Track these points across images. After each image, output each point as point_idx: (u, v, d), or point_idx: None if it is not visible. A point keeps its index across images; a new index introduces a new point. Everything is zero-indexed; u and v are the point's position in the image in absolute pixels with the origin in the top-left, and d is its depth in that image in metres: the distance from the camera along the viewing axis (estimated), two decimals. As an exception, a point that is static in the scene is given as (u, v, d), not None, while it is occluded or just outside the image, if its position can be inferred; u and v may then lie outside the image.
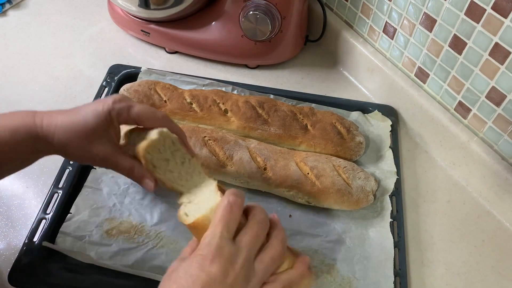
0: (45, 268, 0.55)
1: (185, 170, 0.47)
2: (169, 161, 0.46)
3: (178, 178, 0.46)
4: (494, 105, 0.62)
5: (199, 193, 0.45)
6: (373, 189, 0.62)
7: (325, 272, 0.57)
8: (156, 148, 0.45)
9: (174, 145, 0.46)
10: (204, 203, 0.42)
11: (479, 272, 0.61)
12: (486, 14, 0.57)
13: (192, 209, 0.42)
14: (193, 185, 0.46)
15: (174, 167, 0.46)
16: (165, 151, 0.46)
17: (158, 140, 0.45)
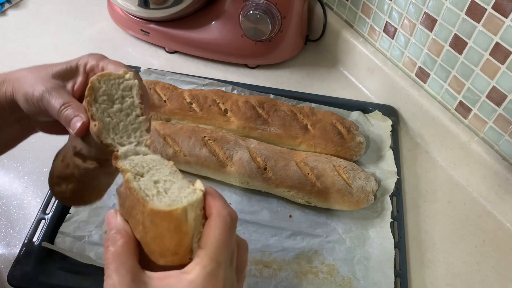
0: (45, 268, 0.55)
1: (126, 124, 0.40)
2: (114, 105, 0.40)
3: (114, 129, 0.39)
4: (494, 105, 0.62)
5: (151, 168, 0.37)
6: (373, 189, 0.62)
7: (325, 272, 0.57)
8: (110, 81, 0.40)
9: (130, 92, 0.41)
10: (173, 190, 0.35)
11: (479, 272, 0.60)
12: (486, 14, 0.57)
13: (151, 187, 0.35)
14: (133, 152, 0.39)
15: (116, 115, 0.40)
16: (116, 90, 0.40)
17: (119, 75, 0.40)
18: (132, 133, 0.40)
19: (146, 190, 0.33)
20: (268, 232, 0.61)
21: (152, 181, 0.35)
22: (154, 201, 0.33)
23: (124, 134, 0.39)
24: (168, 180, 0.36)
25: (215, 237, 0.33)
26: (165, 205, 0.32)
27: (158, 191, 0.34)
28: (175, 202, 0.33)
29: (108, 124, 0.39)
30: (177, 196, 0.34)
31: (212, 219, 0.34)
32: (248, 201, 0.64)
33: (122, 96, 0.40)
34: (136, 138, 0.40)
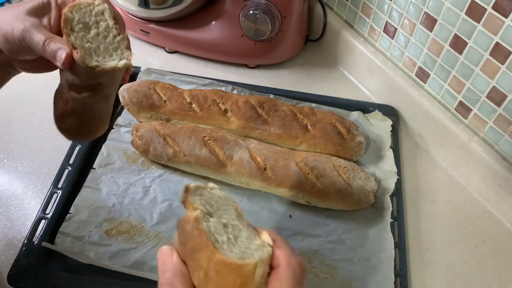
0: (45, 268, 0.55)
1: (106, 46, 0.43)
2: (91, 30, 0.42)
3: (95, 52, 0.41)
4: (494, 105, 0.62)
5: (219, 208, 0.35)
6: (373, 189, 0.62)
7: (325, 273, 0.57)
8: (82, 10, 0.41)
9: (103, 16, 0.43)
10: (242, 239, 0.33)
11: (479, 272, 0.60)
12: (486, 14, 0.57)
13: (221, 232, 0.32)
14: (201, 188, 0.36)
15: (95, 39, 0.42)
16: (89, 17, 0.42)
17: (88, 3, 0.42)
18: (113, 52, 0.43)
19: (216, 235, 0.32)
20: (268, 232, 0.61)
21: (221, 225, 0.33)
22: (225, 251, 0.31)
23: (106, 55, 0.42)
24: (236, 225, 0.34)
25: (281, 285, 0.31)
26: (237, 258, 0.31)
27: (229, 238, 0.32)
28: (245, 254, 0.31)
29: (89, 49, 0.41)
30: (246, 248, 0.32)
31: (281, 270, 0.31)
32: (248, 201, 0.64)
33: (96, 21, 0.42)
34: (118, 56, 0.43)
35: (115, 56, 0.43)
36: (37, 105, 0.76)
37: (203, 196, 0.35)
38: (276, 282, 0.31)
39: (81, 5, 0.41)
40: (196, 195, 0.34)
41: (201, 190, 0.36)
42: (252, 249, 0.32)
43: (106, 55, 0.42)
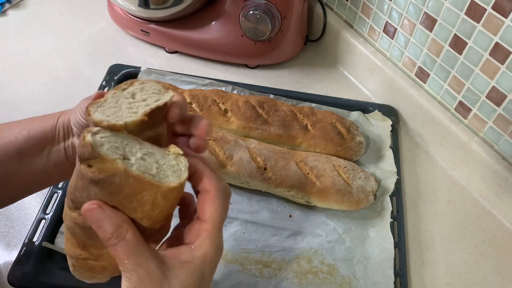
0: (45, 268, 0.55)
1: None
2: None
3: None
4: (494, 105, 0.62)
5: (126, 145, 0.34)
6: (373, 189, 0.62)
7: (325, 272, 0.57)
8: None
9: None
10: (161, 162, 0.34)
11: (479, 272, 0.60)
12: (486, 14, 0.57)
13: (147, 168, 0.33)
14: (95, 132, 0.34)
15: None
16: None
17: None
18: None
19: (149, 172, 0.33)
20: (268, 232, 0.61)
21: (141, 161, 0.34)
22: (166, 180, 0.33)
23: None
24: (148, 153, 0.35)
25: (217, 211, 0.35)
26: (176, 180, 0.33)
27: (157, 168, 0.34)
28: (176, 173, 0.34)
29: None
30: (172, 167, 0.34)
31: (213, 194, 0.36)
32: (248, 201, 0.64)
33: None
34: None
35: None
36: (37, 105, 0.76)
37: (108, 143, 0.33)
38: (210, 203, 0.36)
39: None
40: (100, 145, 0.33)
41: (101, 133, 0.34)
42: (175, 165, 0.35)
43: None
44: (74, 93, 0.78)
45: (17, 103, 0.76)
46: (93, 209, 0.32)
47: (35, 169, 0.43)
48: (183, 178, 0.34)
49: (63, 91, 0.78)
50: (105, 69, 0.78)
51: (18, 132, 0.43)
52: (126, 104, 0.36)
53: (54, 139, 0.43)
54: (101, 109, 0.35)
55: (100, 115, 0.34)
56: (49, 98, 0.77)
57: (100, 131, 0.33)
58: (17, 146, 0.42)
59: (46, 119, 0.44)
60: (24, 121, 0.44)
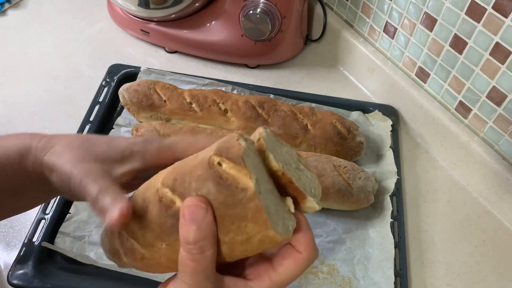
0: (45, 268, 0.55)
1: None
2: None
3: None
4: (494, 105, 0.62)
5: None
6: (373, 189, 0.62)
7: (325, 272, 0.57)
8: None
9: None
10: (277, 208, 0.31)
11: (479, 272, 0.60)
12: (486, 14, 0.57)
13: (270, 204, 0.30)
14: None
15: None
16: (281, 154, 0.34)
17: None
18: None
19: (268, 210, 0.29)
20: (268, 232, 0.61)
21: (266, 194, 0.30)
22: (277, 228, 0.29)
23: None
24: (271, 190, 0.31)
25: (291, 273, 0.31)
26: (284, 235, 0.30)
27: (277, 210, 0.30)
28: (284, 227, 0.30)
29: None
30: (283, 219, 0.31)
31: (302, 258, 0.31)
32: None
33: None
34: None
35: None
36: (37, 105, 0.76)
37: (251, 157, 0.31)
38: (291, 260, 0.31)
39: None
40: (247, 155, 0.30)
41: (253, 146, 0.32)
42: (286, 221, 0.31)
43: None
44: (74, 93, 0.78)
45: (17, 103, 0.76)
46: (199, 207, 0.29)
47: (8, 209, 0.39)
48: (289, 236, 0.30)
49: (62, 91, 0.78)
50: (105, 69, 0.78)
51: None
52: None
53: (25, 185, 0.37)
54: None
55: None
56: (48, 98, 0.77)
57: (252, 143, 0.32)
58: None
59: (4, 164, 0.36)
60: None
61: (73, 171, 0.34)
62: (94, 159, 0.35)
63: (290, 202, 0.32)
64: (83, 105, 0.73)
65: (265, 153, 0.32)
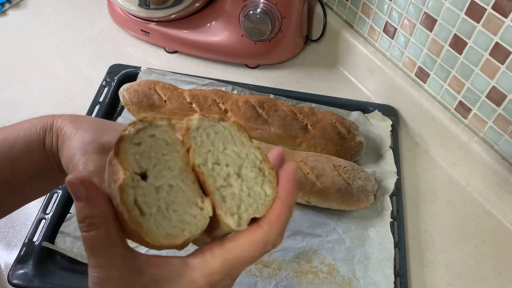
0: (45, 268, 0.55)
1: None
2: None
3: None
4: (494, 105, 0.62)
5: (159, 160, 0.29)
6: (373, 189, 0.62)
7: (325, 272, 0.57)
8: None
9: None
10: (178, 204, 0.29)
11: (479, 272, 0.60)
12: (486, 14, 0.57)
13: (150, 201, 0.28)
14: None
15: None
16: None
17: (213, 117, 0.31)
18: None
19: (144, 206, 0.28)
20: (268, 232, 0.61)
21: (154, 189, 0.28)
22: (150, 227, 0.27)
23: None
24: (176, 184, 0.29)
25: (240, 250, 0.29)
26: (162, 236, 0.28)
27: (159, 208, 0.28)
28: (175, 229, 0.28)
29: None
30: (179, 220, 0.28)
31: (260, 230, 0.29)
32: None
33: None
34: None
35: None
36: (38, 105, 0.76)
37: (143, 143, 0.29)
38: (244, 234, 0.29)
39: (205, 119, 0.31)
40: (134, 144, 0.28)
41: (142, 133, 0.29)
42: (185, 220, 0.28)
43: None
44: (74, 93, 0.78)
45: (17, 103, 0.76)
46: (77, 185, 0.28)
47: (27, 194, 0.39)
48: (171, 242, 0.28)
49: (62, 91, 0.78)
50: (105, 69, 0.78)
51: (0, 165, 0.37)
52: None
53: (45, 165, 0.38)
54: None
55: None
56: (49, 98, 0.77)
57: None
58: (1, 181, 0.37)
59: (30, 143, 0.37)
60: (2, 147, 0.37)
61: (77, 153, 0.35)
62: (98, 149, 0.36)
63: (207, 203, 0.29)
64: (83, 105, 0.73)
65: (187, 144, 0.30)
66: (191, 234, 0.29)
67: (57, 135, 0.37)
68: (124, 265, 0.29)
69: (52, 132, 0.37)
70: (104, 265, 0.29)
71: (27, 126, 0.38)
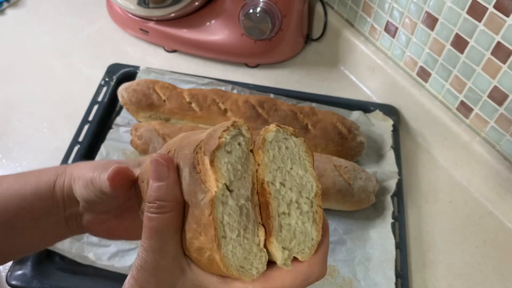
0: (43, 268, 0.55)
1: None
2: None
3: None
4: (496, 105, 0.61)
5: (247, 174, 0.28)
6: (374, 189, 0.62)
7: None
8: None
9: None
10: (247, 242, 0.27)
11: (480, 272, 0.60)
12: (488, 13, 0.57)
13: (233, 224, 0.26)
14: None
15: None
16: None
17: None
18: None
19: (227, 229, 0.25)
20: (268, 232, 0.60)
21: (238, 209, 0.26)
22: (227, 253, 0.25)
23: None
24: (248, 206, 0.27)
25: (281, 282, 0.28)
26: (234, 268, 0.26)
27: (238, 234, 0.26)
28: (243, 262, 0.26)
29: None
30: (245, 252, 0.26)
31: (301, 266, 0.29)
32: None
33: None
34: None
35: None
36: (36, 105, 0.75)
37: (233, 152, 0.26)
38: (288, 271, 0.29)
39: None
40: (226, 152, 0.26)
41: (234, 140, 0.27)
42: (251, 253, 0.26)
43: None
44: (73, 92, 0.78)
45: (16, 103, 0.75)
46: (160, 164, 0.28)
47: (28, 240, 0.38)
48: (242, 277, 0.26)
49: (61, 90, 0.78)
50: (104, 68, 0.78)
51: (7, 202, 0.36)
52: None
53: (52, 209, 0.37)
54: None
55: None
56: (47, 97, 0.77)
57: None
58: (6, 219, 0.36)
59: (40, 182, 0.37)
60: (13, 183, 0.37)
61: (94, 173, 0.36)
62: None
63: (262, 233, 0.27)
64: (82, 105, 0.73)
65: (260, 157, 0.27)
66: (258, 271, 0.26)
67: (70, 175, 0.38)
68: (175, 259, 0.29)
69: (65, 175, 0.38)
70: (157, 251, 0.28)
71: (41, 170, 0.39)
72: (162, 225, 0.28)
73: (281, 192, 0.27)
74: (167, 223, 0.28)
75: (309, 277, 0.29)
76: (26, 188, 0.37)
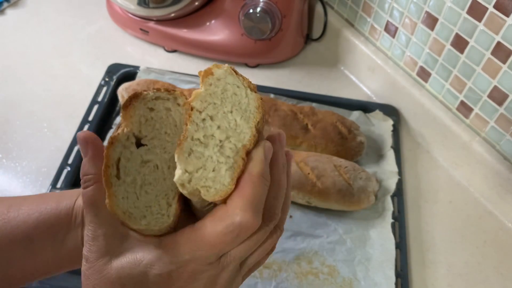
0: (43, 269, 0.54)
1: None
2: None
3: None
4: (496, 105, 0.61)
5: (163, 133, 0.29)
6: (374, 189, 0.62)
7: (325, 273, 0.57)
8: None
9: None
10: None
11: (481, 272, 0.60)
12: (488, 13, 0.57)
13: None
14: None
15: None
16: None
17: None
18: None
19: (122, 168, 0.27)
20: (268, 232, 0.60)
21: (140, 160, 0.28)
22: (117, 194, 0.27)
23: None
24: (161, 168, 0.28)
25: (205, 227, 0.28)
26: (121, 210, 0.28)
27: (134, 180, 0.28)
28: (136, 211, 0.28)
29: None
30: (145, 205, 0.28)
31: (224, 208, 0.28)
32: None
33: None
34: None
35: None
36: (36, 105, 0.75)
37: (155, 112, 0.27)
38: (207, 220, 0.29)
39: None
40: (146, 108, 0.27)
41: (160, 101, 0.28)
42: (150, 209, 0.28)
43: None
44: (73, 92, 0.78)
45: (16, 103, 0.75)
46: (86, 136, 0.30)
47: (44, 257, 0.37)
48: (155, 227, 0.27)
49: (61, 90, 0.78)
50: (104, 68, 0.78)
51: (27, 215, 0.37)
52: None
53: (69, 224, 0.37)
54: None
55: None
56: (47, 97, 0.77)
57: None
58: (25, 232, 0.36)
59: (61, 200, 0.38)
60: (35, 200, 0.38)
61: None
62: None
63: (175, 202, 0.28)
64: (82, 105, 0.72)
65: (201, 88, 0.27)
66: (148, 226, 0.27)
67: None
68: (110, 227, 0.30)
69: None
70: (93, 223, 0.30)
71: (66, 191, 0.40)
72: (89, 199, 0.30)
73: (205, 124, 0.27)
74: (93, 195, 0.30)
75: (232, 221, 0.27)
76: (46, 204, 0.37)
